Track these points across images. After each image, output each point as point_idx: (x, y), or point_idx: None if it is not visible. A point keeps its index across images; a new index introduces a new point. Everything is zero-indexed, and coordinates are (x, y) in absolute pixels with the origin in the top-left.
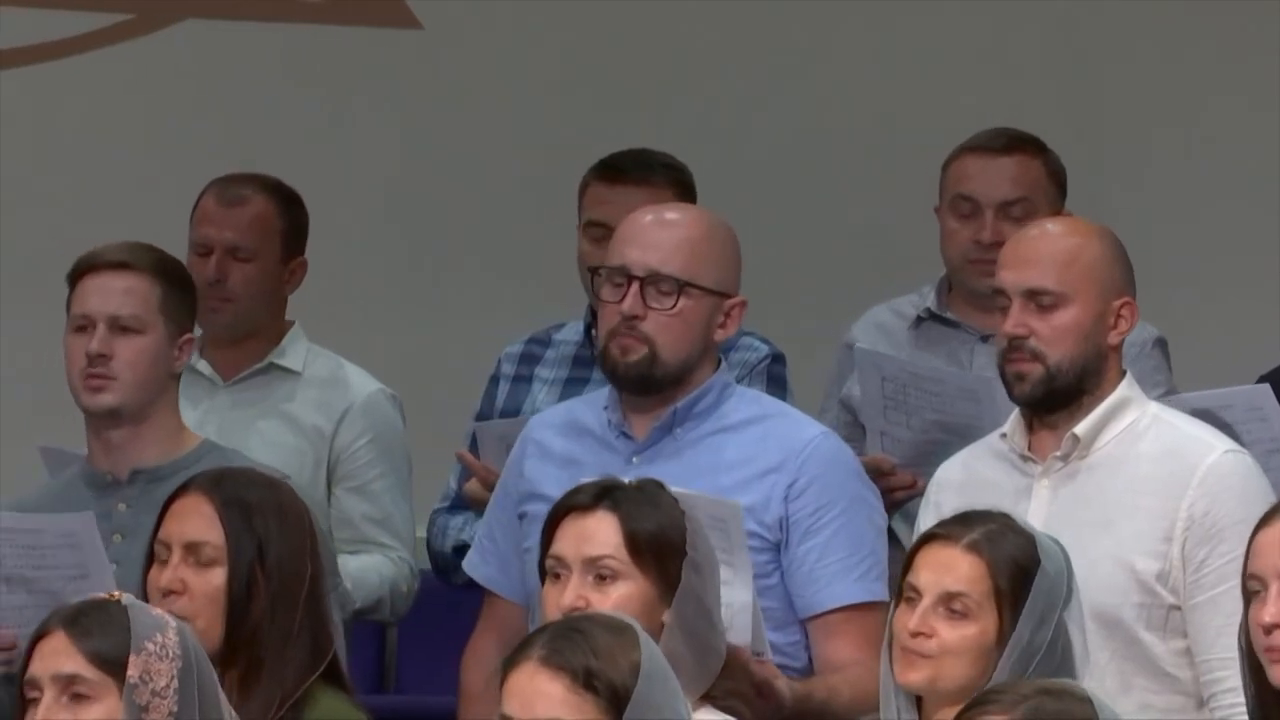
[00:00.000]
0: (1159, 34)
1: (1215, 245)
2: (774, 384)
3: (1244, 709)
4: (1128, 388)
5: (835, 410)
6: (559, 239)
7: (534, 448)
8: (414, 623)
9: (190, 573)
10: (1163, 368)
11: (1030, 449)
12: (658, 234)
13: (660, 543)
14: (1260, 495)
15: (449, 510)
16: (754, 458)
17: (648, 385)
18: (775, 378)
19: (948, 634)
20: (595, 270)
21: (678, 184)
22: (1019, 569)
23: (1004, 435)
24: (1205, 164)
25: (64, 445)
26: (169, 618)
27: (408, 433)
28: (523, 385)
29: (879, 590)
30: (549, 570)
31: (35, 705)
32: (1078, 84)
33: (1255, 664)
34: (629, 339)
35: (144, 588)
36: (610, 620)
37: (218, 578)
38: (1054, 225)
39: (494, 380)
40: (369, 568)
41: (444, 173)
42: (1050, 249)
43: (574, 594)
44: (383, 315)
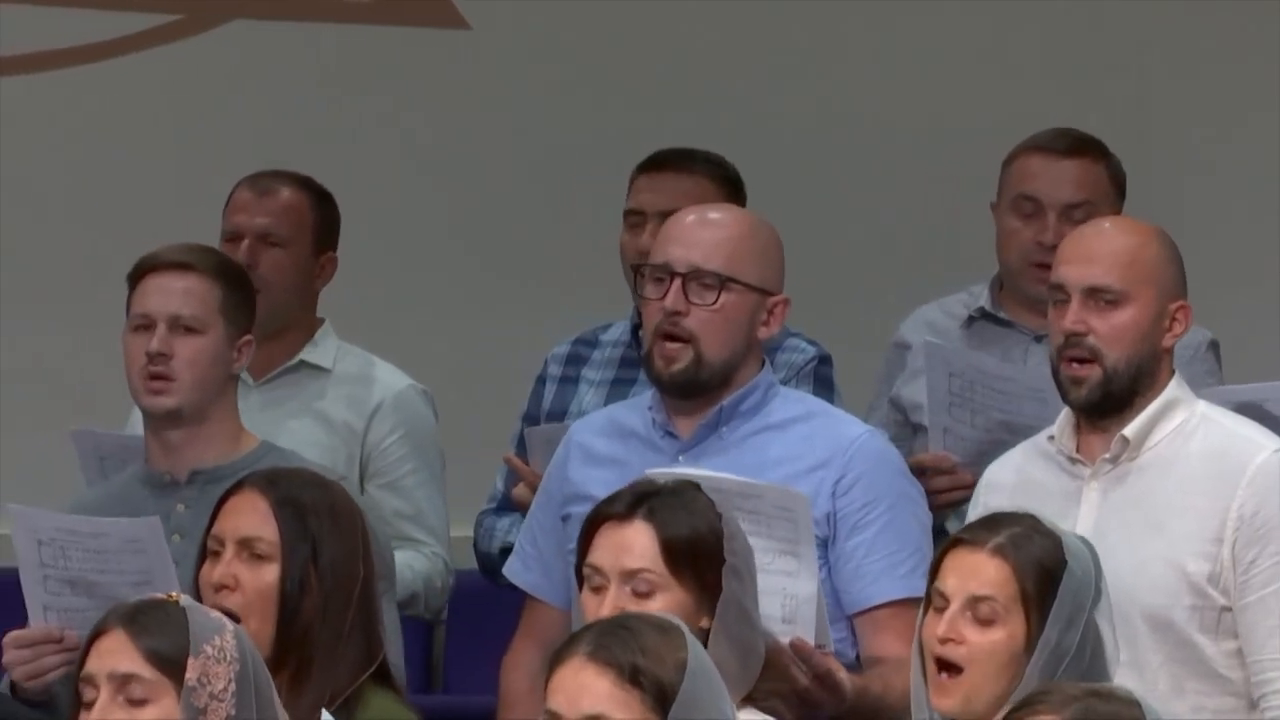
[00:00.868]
0: (1207, 34)
1: (1262, 246)
2: (821, 385)
3: None
4: (1176, 388)
5: (885, 409)
6: (603, 239)
7: (577, 450)
8: (461, 622)
9: (243, 568)
10: (1215, 371)
11: (1079, 450)
12: (700, 232)
13: (697, 550)
14: None
15: (496, 511)
16: (800, 455)
17: (694, 389)
18: (822, 379)
19: (976, 639)
20: (639, 268)
21: (722, 179)
22: (1045, 571)
23: (1052, 437)
24: (1248, 166)
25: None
26: (226, 620)
27: (451, 432)
28: (569, 386)
29: (924, 586)
30: (586, 579)
31: (91, 704)
32: (1126, 84)
33: None
34: (673, 344)
35: (195, 584)
36: (657, 619)
37: (270, 574)
38: (1113, 224)
39: (540, 381)
40: (403, 564)
41: (487, 172)
42: (1112, 247)
43: (612, 607)
44: (426, 314)
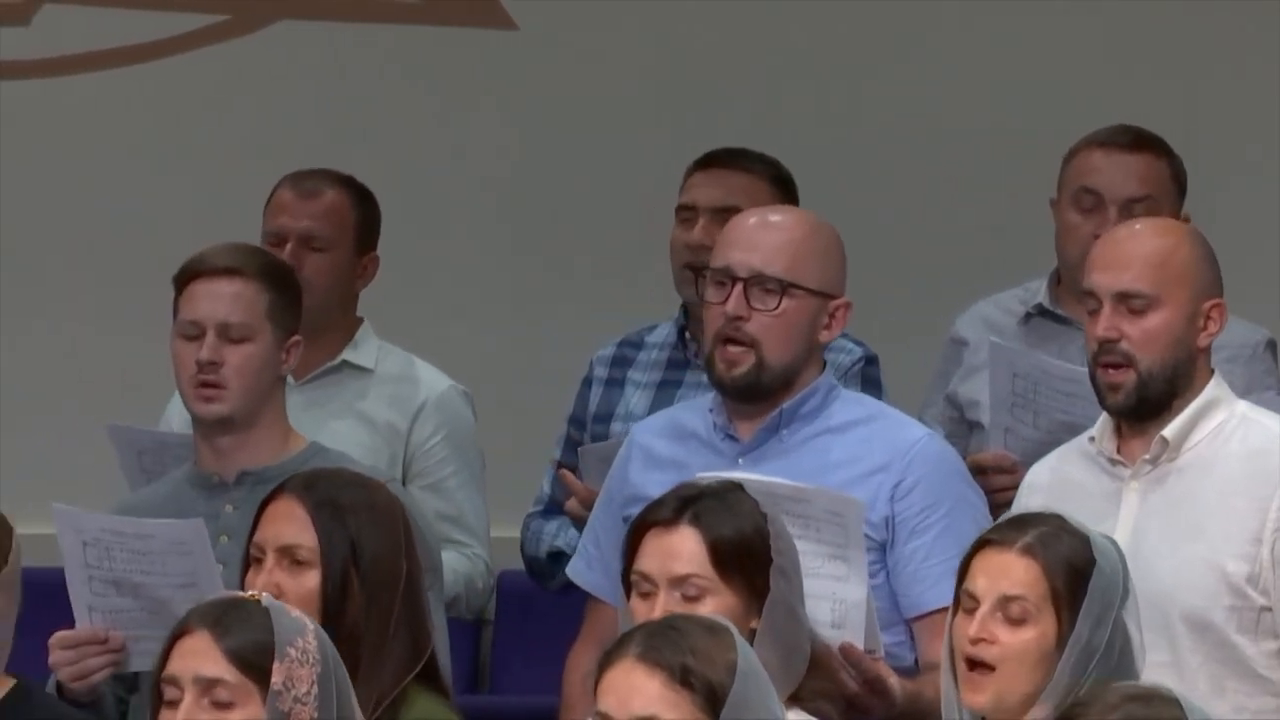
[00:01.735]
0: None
1: None
2: (868, 385)
3: None
4: (1215, 388)
5: (940, 406)
6: (647, 241)
7: (638, 452)
8: (509, 623)
9: (285, 576)
10: (1274, 370)
11: (1119, 452)
12: (761, 235)
13: (744, 552)
14: None
15: (543, 514)
16: (860, 458)
17: (755, 393)
18: (869, 379)
19: (1008, 639)
20: (699, 272)
21: (775, 178)
22: (1074, 570)
23: (1092, 439)
24: None
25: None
26: (307, 620)
27: (494, 433)
28: (615, 388)
29: None
30: (635, 585)
31: (173, 704)
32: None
33: None
34: (734, 347)
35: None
36: (706, 621)
37: (312, 580)
38: (1144, 226)
39: (586, 383)
40: (444, 566)
41: (530, 173)
42: (1141, 251)
43: (662, 614)
44: (470, 315)
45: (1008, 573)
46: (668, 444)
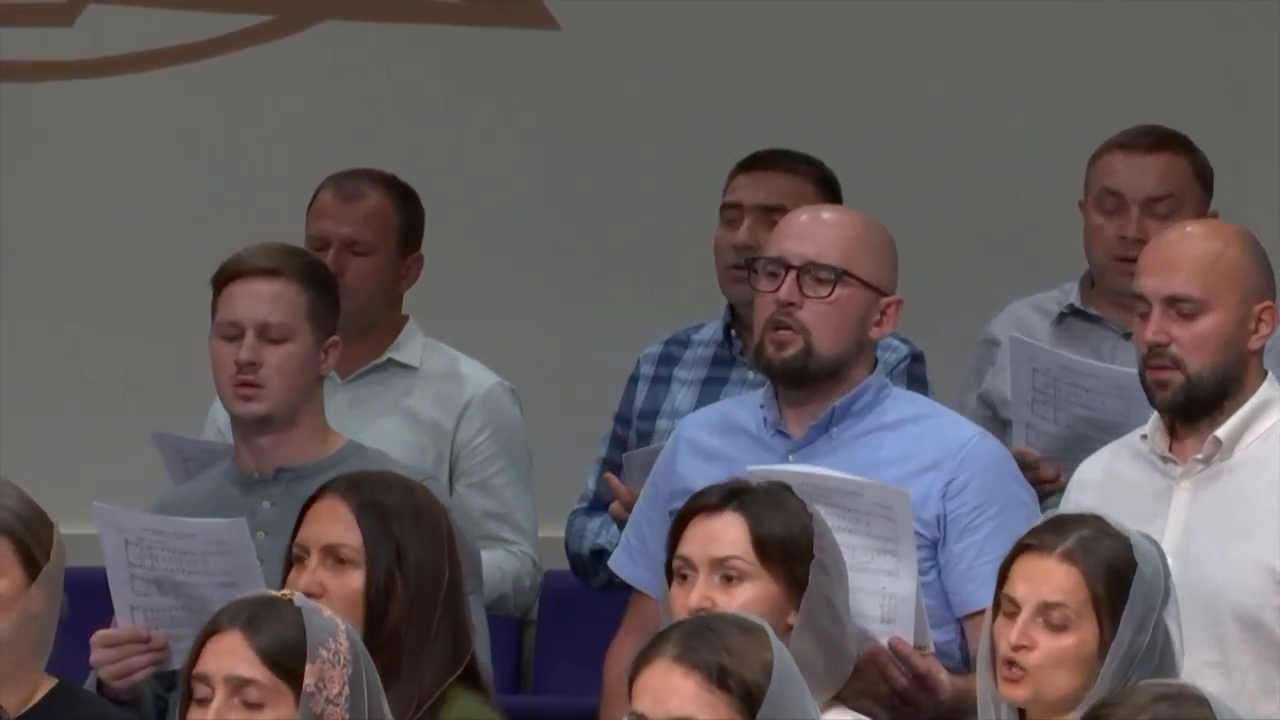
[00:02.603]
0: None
1: None
2: (915, 383)
3: None
4: (1269, 389)
5: (974, 405)
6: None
7: (686, 445)
8: (552, 622)
9: (328, 575)
10: None
11: (1171, 450)
12: (815, 228)
13: (787, 545)
14: None
15: (587, 511)
16: (911, 455)
17: (802, 379)
18: (916, 377)
19: (1048, 645)
20: (751, 263)
21: (819, 180)
22: (1115, 574)
23: (1144, 437)
24: None
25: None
26: (339, 621)
27: (540, 431)
28: (661, 386)
29: None
30: (676, 571)
31: (203, 702)
32: (1219, 84)
33: None
34: (784, 331)
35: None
36: (742, 620)
37: (356, 580)
38: (1194, 229)
39: (633, 381)
40: (491, 564)
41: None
42: (1191, 254)
43: (700, 595)
44: (517, 313)
45: (1048, 579)
46: (717, 438)
